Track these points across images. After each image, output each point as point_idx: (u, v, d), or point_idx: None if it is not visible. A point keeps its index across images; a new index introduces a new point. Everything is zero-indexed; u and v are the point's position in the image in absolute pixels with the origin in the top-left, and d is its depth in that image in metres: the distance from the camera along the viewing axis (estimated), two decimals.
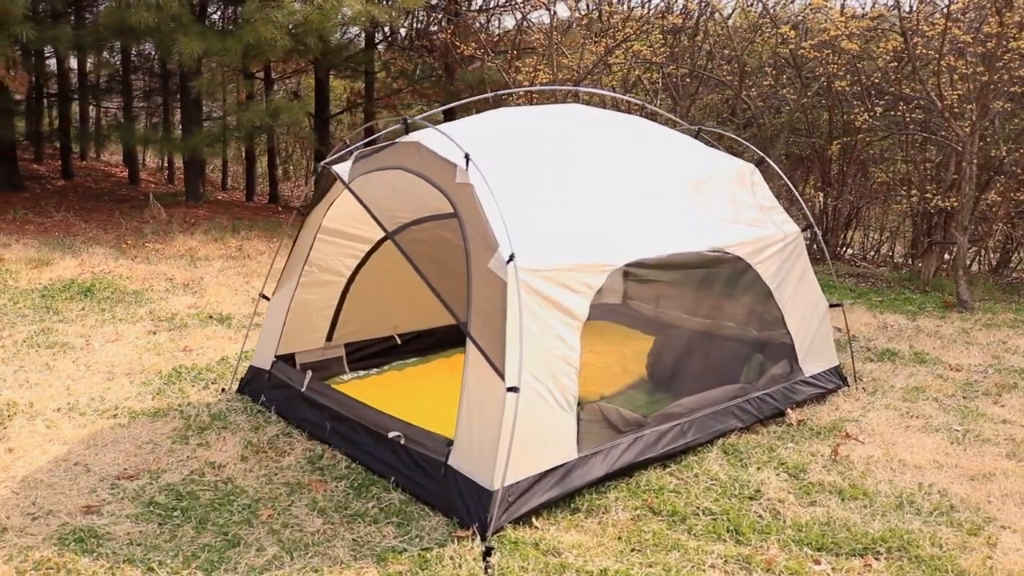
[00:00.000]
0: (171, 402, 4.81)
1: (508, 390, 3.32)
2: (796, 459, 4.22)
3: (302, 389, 4.47)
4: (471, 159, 3.63)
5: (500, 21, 16.04)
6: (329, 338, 5.15)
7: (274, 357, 4.77)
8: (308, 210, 4.78)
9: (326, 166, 4.43)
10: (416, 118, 4.30)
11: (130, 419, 4.54)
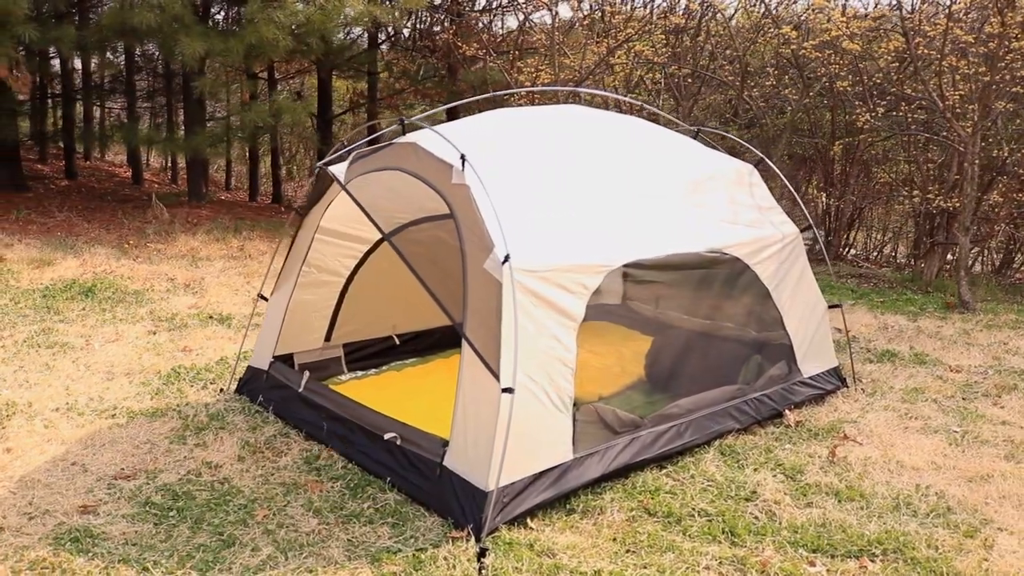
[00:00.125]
0: (169, 402, 4.82)
1: (503, 391, 3.32)
2: (793, 460, 4.21)
3: (299, 389, 4.47)
4: (467, 160, 3.63)
5: (503, 21, 16.08)
6: (328, 338, 5.15)
7: (272, 357, 4.78)
8: (305, 210, 4.78)
9: (323, 167, 4.43)
10: (417, 118, 4.30)
11: (128, 419, 4.55)
